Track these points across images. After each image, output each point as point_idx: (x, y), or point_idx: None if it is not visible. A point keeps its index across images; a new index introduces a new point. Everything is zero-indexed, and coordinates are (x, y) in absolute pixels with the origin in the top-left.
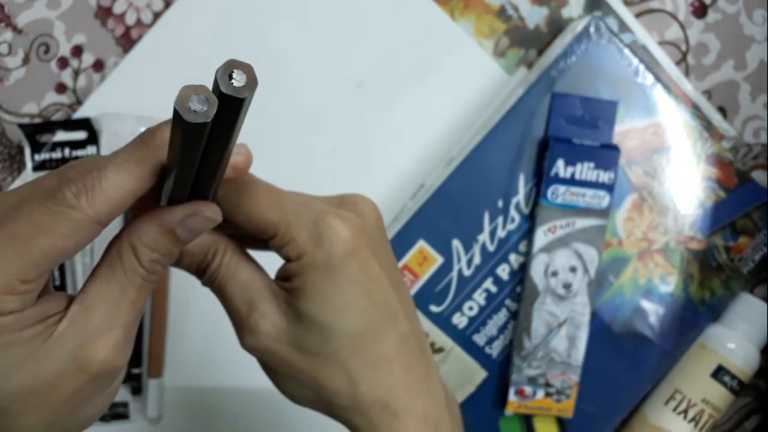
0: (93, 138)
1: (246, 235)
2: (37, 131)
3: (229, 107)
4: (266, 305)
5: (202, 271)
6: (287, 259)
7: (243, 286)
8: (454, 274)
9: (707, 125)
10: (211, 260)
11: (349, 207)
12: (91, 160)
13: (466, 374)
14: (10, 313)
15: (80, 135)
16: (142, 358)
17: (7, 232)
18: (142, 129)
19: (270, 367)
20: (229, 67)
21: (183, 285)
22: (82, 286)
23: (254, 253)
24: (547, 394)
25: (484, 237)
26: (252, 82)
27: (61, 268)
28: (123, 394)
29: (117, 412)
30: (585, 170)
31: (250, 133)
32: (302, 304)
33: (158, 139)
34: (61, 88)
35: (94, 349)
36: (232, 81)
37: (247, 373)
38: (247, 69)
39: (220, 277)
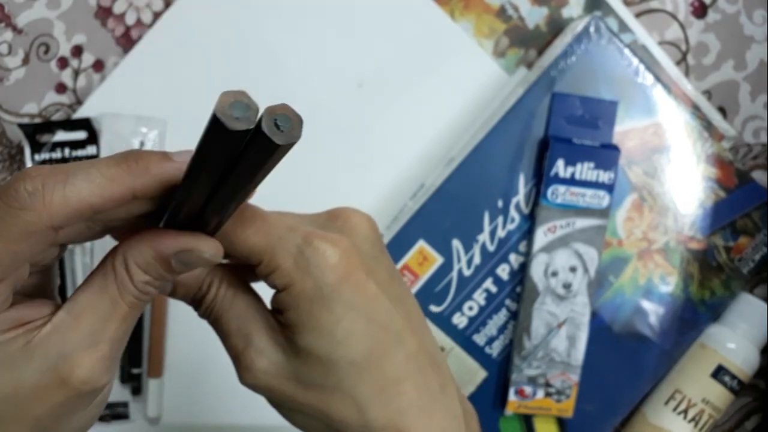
0: (93, 138)
1: (244, 267)
2: (37, 131)
3: (271, 152)
4: (263, 340)
5: (197, 303)
6: (275, 288)
7: (240, 317)
8: (454, 274)
9: (707, 125)
10: (206, 292)
11: (339, 222)
12: (64, 164)
13: (466, 374)
14: None
15: (80, 135)
16: (142, 358)
17: None
18: (143, 129)
19: (273, 402)
20: (272, 113)
21: None
22: (72, 295)
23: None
24: (547, 394)
25: (484, 237)
26: (298, 126)
27: (62, 269)
28: (123, 394)
29: (117, 412)
30: (585, 170)
31: None
32: (299, 338)
33: (142, 165)
34: (61, 88)
35: (77, 361)
36: (280, 128)
37: None
38: (292, 113)
39: (216, 310)
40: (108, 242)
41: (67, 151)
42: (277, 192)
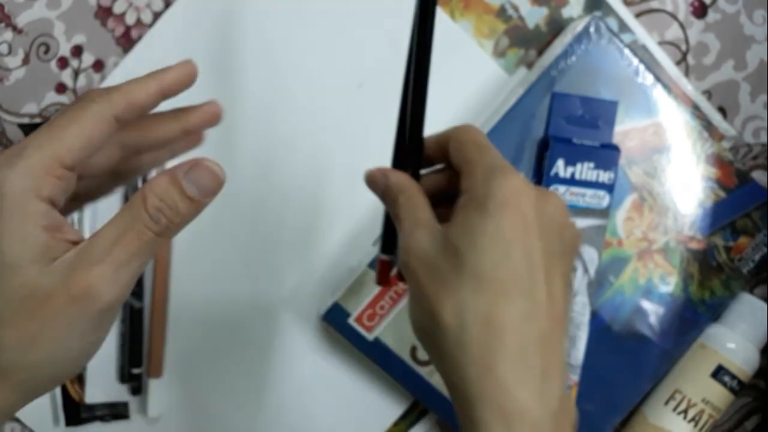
0: None
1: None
2: None
3: None
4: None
5: (392, 201)
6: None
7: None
8: None
9: (707, 125)
10: (397, 197)
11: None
12: None
13: None
14: (44, 201)
15: None
16: (142, 358)
17: (48, 126)
18: None
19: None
20: None
21: (183, 285)
22: None
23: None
24: None
25: None
26: None
27: None
28: (123, 394)
29: (117, 412)
30: (585, 170)
31: (249, 133)
32: (451, 231)
33: (164, 71)
34: (61, 88)
35: (82, 273)
36: None
37: (247, 374)
38: None
39: (402, 213)
40: None
41: None
42: (277, 193)
